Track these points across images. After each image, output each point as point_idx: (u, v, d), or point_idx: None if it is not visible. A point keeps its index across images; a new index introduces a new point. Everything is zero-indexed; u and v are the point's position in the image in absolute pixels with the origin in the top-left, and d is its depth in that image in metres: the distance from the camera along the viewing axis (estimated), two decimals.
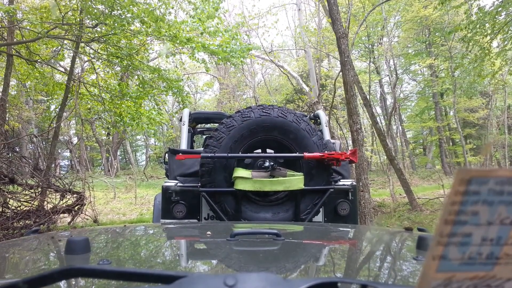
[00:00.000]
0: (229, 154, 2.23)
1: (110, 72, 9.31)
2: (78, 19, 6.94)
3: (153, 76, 8.19)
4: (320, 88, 13.35)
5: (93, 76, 9.18)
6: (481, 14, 7.81)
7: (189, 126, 3.55)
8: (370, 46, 17.82)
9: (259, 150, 2.52)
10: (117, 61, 7.69)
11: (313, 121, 3.69)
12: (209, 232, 1.32)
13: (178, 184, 2.47)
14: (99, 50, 7.92)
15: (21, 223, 5.52)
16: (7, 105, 7.59)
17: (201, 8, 6.96)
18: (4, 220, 5.28)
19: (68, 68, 8.69)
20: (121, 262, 0.93)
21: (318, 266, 0.93)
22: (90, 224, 6.86)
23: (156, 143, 31.55)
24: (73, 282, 0.74)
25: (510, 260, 0.34)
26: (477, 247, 0.33)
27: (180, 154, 2.48)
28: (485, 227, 0.32)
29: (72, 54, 8.46)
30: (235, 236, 1.03)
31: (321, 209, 2.49)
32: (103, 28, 7.09)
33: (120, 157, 29.70)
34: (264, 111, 2.29)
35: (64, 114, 9.02)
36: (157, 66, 8.51)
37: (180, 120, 3.55)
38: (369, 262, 0.98)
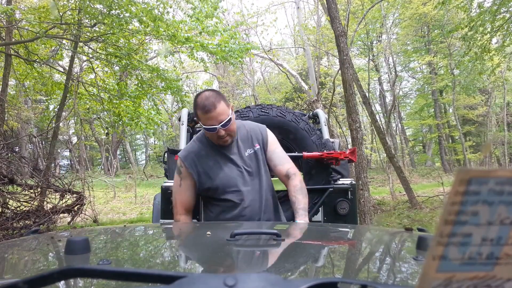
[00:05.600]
0: None
1: (108, 71, 9.30)
2: (77, 19, 6.93)
3: (152, 75, 8.18)
4: (319, 86, 13.34)
5: (92, 76, 9.17)
6: (480, 12, 7.79)
7: (188, 125, 3.55)
8: (369, 43, 17.80)
9: None
10: (115, 60, 7.68)
11: (312, 120, 3.68)
12: (209, 232, 1.32)
13: None
14: (97, 50, 7.91)
15: (20, 223, 5.53)
16: (6, 105, 7.58)
17: (199, 7, 6.94)
18: (3, 221, 5.28)
19: (67, 68, 8.69)
20: (120, 262, 0.93)
21: (318, 266, 0.93)
22: (90, 224, 6.87)
23: (156, 142, 31.57)
24: (73, 282, 0.74)
25: (510, 260, 0.34)
26: (477, 247, 0.33)
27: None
28: (485, 227, 0.32)
29: (70, 54, 8.45)
30: (235, 236, 1.03)
31: (320, 208, 2.49)
32: (102, 27, 7.08)
33: (120, 156, 29.70)
34: (262, 110, 2.28)
35: (63, 114, 9.02)
36: (156, 65, 8.48)
37: (179, 119, 3.54)
38: (369, 262, 0.98)
